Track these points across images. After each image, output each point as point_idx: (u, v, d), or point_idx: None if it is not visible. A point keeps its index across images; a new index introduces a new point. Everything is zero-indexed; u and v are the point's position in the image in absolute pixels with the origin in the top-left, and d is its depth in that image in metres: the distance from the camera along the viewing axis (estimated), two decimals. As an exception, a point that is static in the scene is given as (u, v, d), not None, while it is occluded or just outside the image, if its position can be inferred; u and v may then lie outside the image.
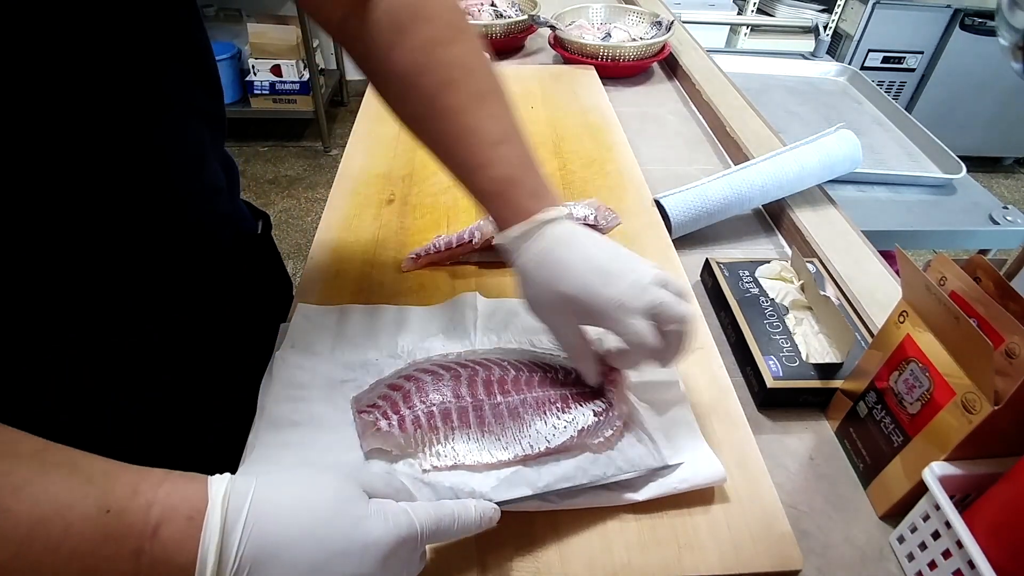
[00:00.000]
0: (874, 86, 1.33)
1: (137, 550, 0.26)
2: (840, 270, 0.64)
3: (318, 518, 0.29)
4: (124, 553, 0.26)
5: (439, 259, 0.61)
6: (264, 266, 0.67)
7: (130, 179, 0.44)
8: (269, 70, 2.44)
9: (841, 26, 2.32)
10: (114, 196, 0.44)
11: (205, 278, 0.57)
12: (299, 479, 0.30)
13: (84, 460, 0.28)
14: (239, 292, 0.61)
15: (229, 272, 0.59)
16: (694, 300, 0.58)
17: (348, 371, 0.48)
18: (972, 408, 0.37)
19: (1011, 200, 2.44)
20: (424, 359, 0.49)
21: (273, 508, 0.29)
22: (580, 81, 0.99)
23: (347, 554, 0.29)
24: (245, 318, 0.65)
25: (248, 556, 0.27)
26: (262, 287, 0.67)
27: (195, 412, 0.65)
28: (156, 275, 0.54)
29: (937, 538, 0.38)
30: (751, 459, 0.45)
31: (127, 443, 0.69)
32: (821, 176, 0.75)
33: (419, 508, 0.32)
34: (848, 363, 0.51)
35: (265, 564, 0.27)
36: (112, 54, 0.39)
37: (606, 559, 0.39)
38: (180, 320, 0.59)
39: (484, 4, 1.21)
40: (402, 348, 0.51)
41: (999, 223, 0.99)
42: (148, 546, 0.27)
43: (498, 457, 0.41)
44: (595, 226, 0.65)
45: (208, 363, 0.63)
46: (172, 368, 0.61)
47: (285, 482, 0.30)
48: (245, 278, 0.62)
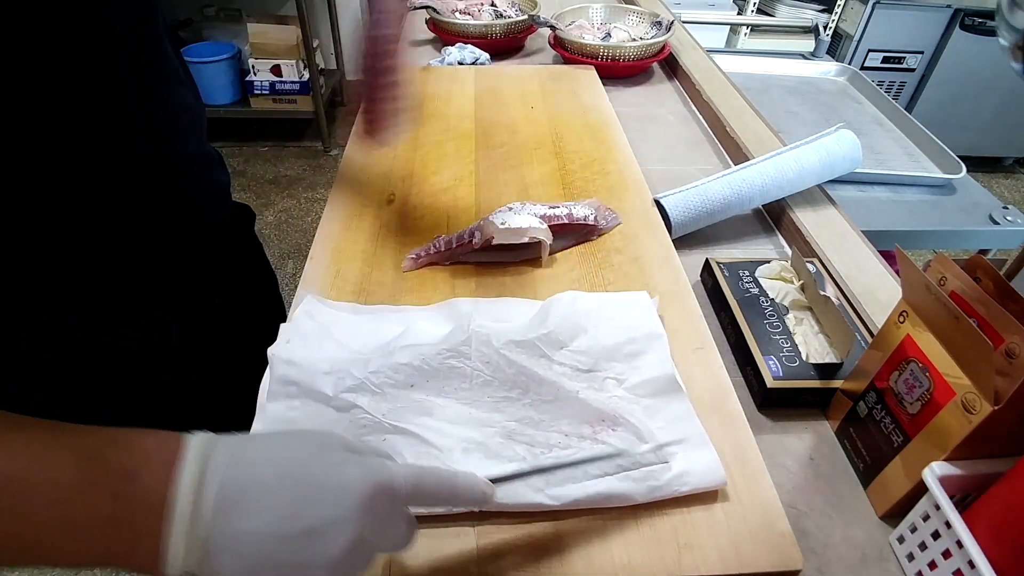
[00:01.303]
0: (874, 86, 1.33)
1: (115, 493, 0.26)
2: (840, 270, 0.64)
3: (294, 460, 0.29)
4: (102, 497, 0.26)
5: (439, 259, 0.61)
6: (251, 256, 0.67)
7: (99, 154, 0.44)
8: (269, 70, 2.43)
9: (841, 26, 2.32)
10: (94, 179, 0.44)
11: (199, 272, 0.57)
12: (277, 433, 0.31)
13: (61, 424, 0.28)
14: (232, 285, 0.61)
15: (220, 260, 0.59)
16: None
17: (345, 370, 0.48)
18: (972, 408, 0.37)
19: (1011, 200, 2.44)
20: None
21: (249, 453, 0.29)
22: (580, 81, 0.99)
23: (322, 495, 0.28)
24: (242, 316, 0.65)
25: (223, 496, 0.27)
26: (251, 280, 0.67)
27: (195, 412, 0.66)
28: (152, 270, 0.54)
29: (937, 538, 0.38)
30: (751, 459, 0.45)
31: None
32: (821, 176, 0.75)
33: (401, 464, 0.31)
34: (848, 363, 0.51)
35: (240, 504, 0.27)
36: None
37: (606, 559, 0.39)
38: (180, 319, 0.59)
39: (484, 4, 1.21)
40: (400, 348, 0.51)
41: (999, 223, 0.99)
42: (125, 489, 0.27)
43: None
44: (595, 226, 0.65)
45: (208, 363, 0.63)
46: (172, 368, 0.61)
47: (262, 435, 0.30)
48: (235, 268, 0.62)
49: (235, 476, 0.27)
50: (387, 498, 0.30)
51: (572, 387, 0.46)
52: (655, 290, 0.58)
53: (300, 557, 0.27)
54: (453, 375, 0.47)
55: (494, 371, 0.47)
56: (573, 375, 0.48)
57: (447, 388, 0.47)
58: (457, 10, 1.19)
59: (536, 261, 0.62)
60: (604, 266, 0.62)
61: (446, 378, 0.47)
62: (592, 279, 0.61)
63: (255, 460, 0.29)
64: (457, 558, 0.39)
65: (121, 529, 0.26)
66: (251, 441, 0.30)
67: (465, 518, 0.41)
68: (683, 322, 0.56)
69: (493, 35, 1.13)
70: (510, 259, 0.62)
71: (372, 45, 0.51)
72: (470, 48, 1.09)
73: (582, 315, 0.52)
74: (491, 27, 1.12)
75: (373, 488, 0.29)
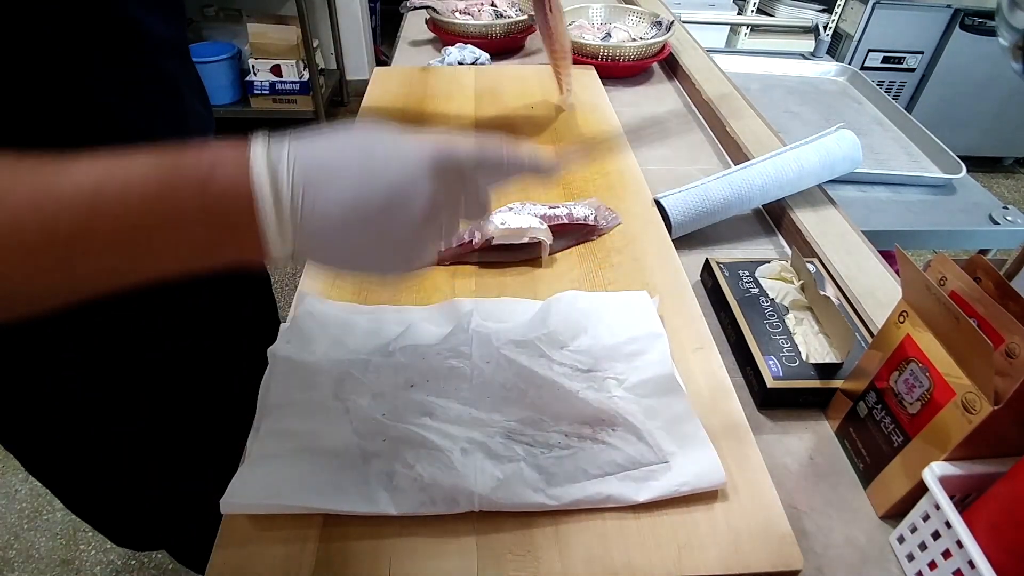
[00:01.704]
0: (874, 86, 1.33)
1: (200, 186, 0.27)
2: (840, 270, 0.64)
3: (357, 139, 0.30)
4: (189, 190, 0.26)
5: (439, 259, 0.61)
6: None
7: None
8: (269, 70, 2.43)
9: (841, 26, 2.31)
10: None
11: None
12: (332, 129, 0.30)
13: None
14: (223, 278, 0.61)
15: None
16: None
17: (345, 370, 0.48)
18: (972, 408, 0.37)
19: (1011, 200, 2.44)
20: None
21: (311, 141, 0.29)
22: (580, 81, 0.99)
23: (391, 163, 0.29)
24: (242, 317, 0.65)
25: (300, 175, 0.28)
26: (244, 277, 0.67)
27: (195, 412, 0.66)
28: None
29: (937, 538, 0.38)
30: (751, 459, 0.45)
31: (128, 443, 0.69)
32: (821, 176, 0.75)
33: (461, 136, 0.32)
34: (848, 363, 0.51)
35: (318, 181, 0.28)
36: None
37: (606, 559, 0.39)
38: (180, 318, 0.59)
39: (484, 4, 1.21)
40: (400, 348, 0.51)
41: (999, 223, 0.99)
42: (208, 183, 0.27)
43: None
44: (595, 226, 0.65)
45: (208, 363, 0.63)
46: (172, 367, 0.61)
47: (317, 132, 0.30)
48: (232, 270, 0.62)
49: (305, 159, 0.28)
50: (452, 162, 0.30)
51: (572, 387, 0.46)
52: (655, 290, 0.58)
53: (386, 225, 0.29)
54: (453, 375, 0.47)
55: (494, 371, 0.47)
56: (573, 375, 0.48)
57: (447, 388, 0.47)
58: (457, 10, 1.19)
59: (536, 261, 0.62)
60: (604, 266, 0.62)
61: (446, 378, 0.47)
62: (592, 279, 0.61)
63: (319, 144, 0.29)
64: (457, 558, 0.39)
65: (215, 219, 0.27)
66: (309, 134, 0.30)
67: (465, 518, 0.41)
68: (683, 322, 0.56)
69: (493, 35, 1.13)
70: (510, 259, 0.62)
71: None
72: (470, 48, 1.09)
73: (582, 315, 0.52)
74: (491, 27, 1.12)
75: (435, 151, 0.30)
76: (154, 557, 1.24)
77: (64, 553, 1.23)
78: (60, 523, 1.28)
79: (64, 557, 1.23)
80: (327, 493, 0.41)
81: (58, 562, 1.22)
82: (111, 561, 1.23)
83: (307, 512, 0.40)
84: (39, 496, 1.32)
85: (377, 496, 0.40)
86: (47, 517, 1.29)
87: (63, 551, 1.24)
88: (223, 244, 0.28)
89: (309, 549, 0.39)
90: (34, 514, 1.29)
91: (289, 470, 0.42)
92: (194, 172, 0.27)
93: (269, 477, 0.41)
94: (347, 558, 0.39)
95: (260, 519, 0.40)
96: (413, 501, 0.40)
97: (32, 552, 1.23)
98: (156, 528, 0.73)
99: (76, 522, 1.28)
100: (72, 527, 1.27)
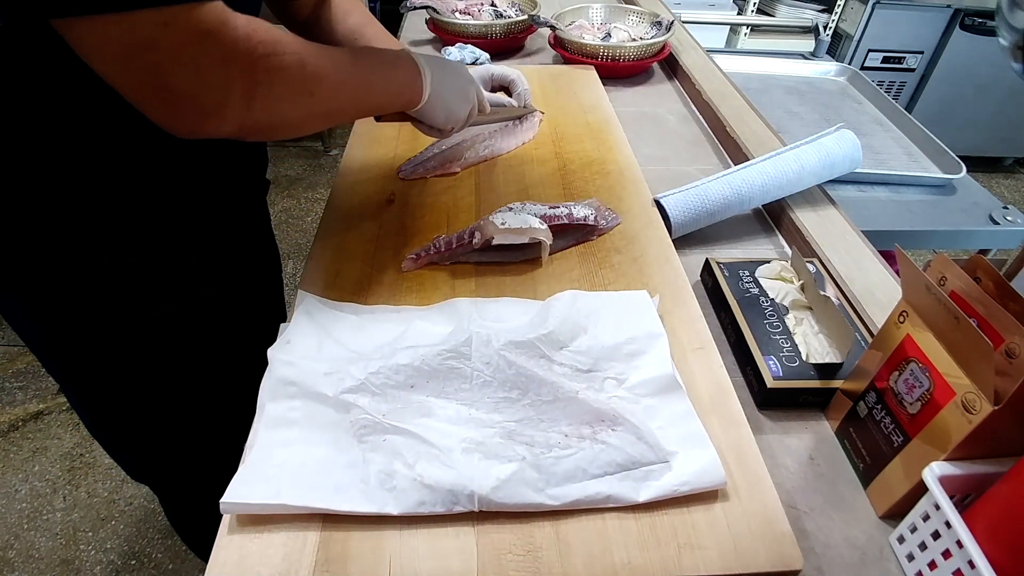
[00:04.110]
0: (874, 86, 1.33)
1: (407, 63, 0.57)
2: (840, 270, 0.64)
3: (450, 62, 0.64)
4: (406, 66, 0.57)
5: (439, 259, 0.61)
6: (260, 221, 0.71)
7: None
8: (269, 70, 2.43)
9: (841, 26, 2.31)
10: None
11: (218, 219, 0.59)
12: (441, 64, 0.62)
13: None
14: (242, 245, 0.63)
15: (237, 215, 0.62)
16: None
17: (345, 370, 0.48)
18: (972, 408, 0.37)
19: (1011, 200, 2.44)
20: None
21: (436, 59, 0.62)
22: (580, 81, 0.99)
23: (462, 71, 0.65)
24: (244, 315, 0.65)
25: (432, 73, 0.59)
26: (258, 248, 0.69)
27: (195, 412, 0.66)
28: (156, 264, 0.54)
29: (937, 538, 0.38)
30: (751, 459, 0.45)
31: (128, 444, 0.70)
32: (821, 176, 0.75)
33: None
34: (848, 363, 0.51)
35: (439, 77, 0.60)
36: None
37: (606, 559, 0.39)
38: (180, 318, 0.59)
39: (484, 4, 1.21)
40: (400, 349, 0.51)
41: (999, 223, 0.99)
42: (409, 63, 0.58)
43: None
44: (595, 226, 0.65)
45: (208, 363, 0.63)
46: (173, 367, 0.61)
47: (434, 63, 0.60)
48: (247, 230, 0.66)
49: (434, 66, 0.59)
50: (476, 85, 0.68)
51: (572, 387, 0.46)
52: (655, 290, 0.58)
53: (460, 94, 0.64)
54: (453, 376, 0.47)
55: (494, 372, 0.47)
56: (573, 375, 0.48)
57: (447, 389, 0.47)
58: (457, 10, 1.19)
59: (536, 261, 0.62)
60: (604, 266, 0.62)
61: (446, 379, 0.47)
62: (592, 279, 0.61)
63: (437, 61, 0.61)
64: (457, 558, 0.39)
65: (414, 81, 0.57)
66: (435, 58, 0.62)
67: (465, 518, 0.41)
68: (683, 322, 0.56)
69: (493, 35, 1.13)
70: (510, 259, 0.62)
71: None
72: (470, 48, 1.09)
73: (582, 315, 0.52)
74: (491, 27, 1.12)
75: (472, 80, 0.67)
76: (154, 557, 1.24)
77: (64, 553, 1.23)
78: (60, 523, 1.28)
79: (64, 557, 1.23)
80: (327, 493, 0.41)
81: (58, 562, 1.22)
82: (111, 561, 1.23)
83: (307, 512, 0.40)
84: (39, 496, 1.32)
85: (377, 496, 0.41)
86: (47, 517, 1.29)
87: (63, 551, 1.24)
88: (410, 85, 0.57)
89: (309, 549, 0.39)
90: (34, 514, 1.29)
91: (289, 470, 0.42)
92: (407, 59, 0.57)
93: (269, 477, 0.41)
94: (347, 558, 0.39)
95: (260, 518, 0.40)
96: (413, 501, 0.40)
97: (32, 552, 1.23)
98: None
99: (76, 522, 1.28)
100: (72, 527, 1.27)
